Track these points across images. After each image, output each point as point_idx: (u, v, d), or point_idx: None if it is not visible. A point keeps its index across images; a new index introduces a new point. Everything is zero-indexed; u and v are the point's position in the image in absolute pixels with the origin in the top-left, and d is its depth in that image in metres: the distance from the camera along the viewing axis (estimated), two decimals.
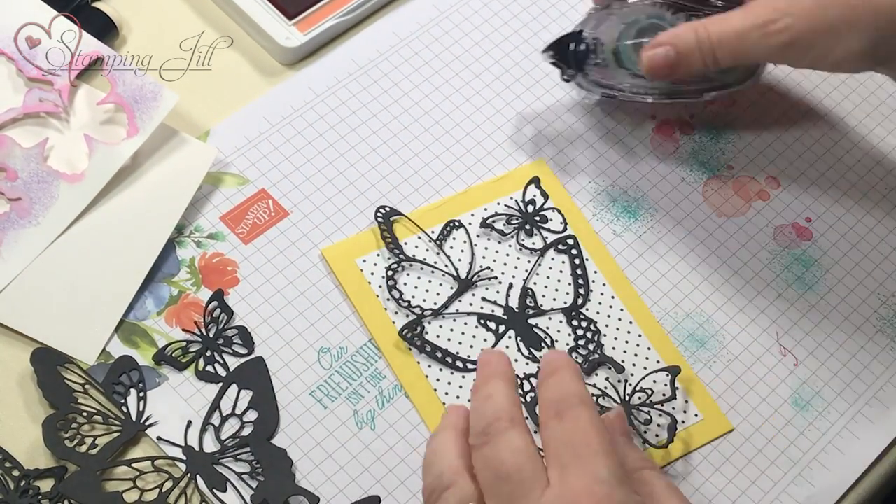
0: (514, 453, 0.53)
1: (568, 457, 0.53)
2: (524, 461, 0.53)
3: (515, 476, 0.53)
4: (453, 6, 0.83)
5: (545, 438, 0.55)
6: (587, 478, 0.52)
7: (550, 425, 0.54)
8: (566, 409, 0.55)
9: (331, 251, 0.72)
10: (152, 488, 0.64)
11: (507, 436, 0.54)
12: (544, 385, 0.57)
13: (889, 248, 0.78)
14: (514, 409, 0.55)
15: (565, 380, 0.56)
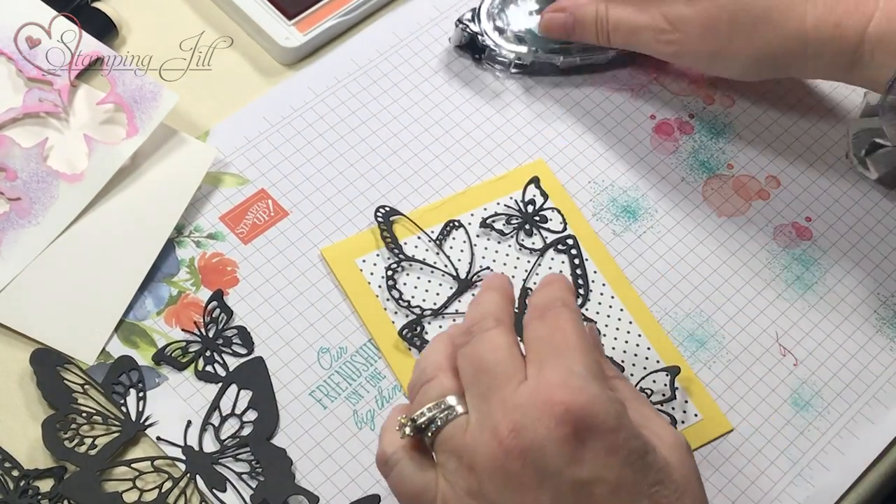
0: (494, 349, 0.55)
1: (546, 353, 0.54)
2: (503, 357, 0.55)
3: (493, 369, 0.54)
4: (453, 6, 0.83)
5: (527, 338, 0.56)
6: (563, 371, 0.53)
7: (532, 325, 0.56)
8: (549, 310, 0.56)
9: (330, 251, 0.72)
10: (152, 488, 0.64)
11: (489, 334, 0.56)
12: (534, 294, 0.59)
13: (889, 248, 0.78)
14: (499, 312, 0.57)
15: (553, 288, 0.58)
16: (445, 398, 0.55)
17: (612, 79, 0.82)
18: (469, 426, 0.54)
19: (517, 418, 0.52)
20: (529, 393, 0.52)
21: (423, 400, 0.56)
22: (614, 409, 0.52)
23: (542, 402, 0.52)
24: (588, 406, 0.52)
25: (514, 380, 0.54)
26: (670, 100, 0.81)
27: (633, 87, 0.82)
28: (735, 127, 0.81)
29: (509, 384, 0.53)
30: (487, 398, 0.54)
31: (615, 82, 0.82)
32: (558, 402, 0.51)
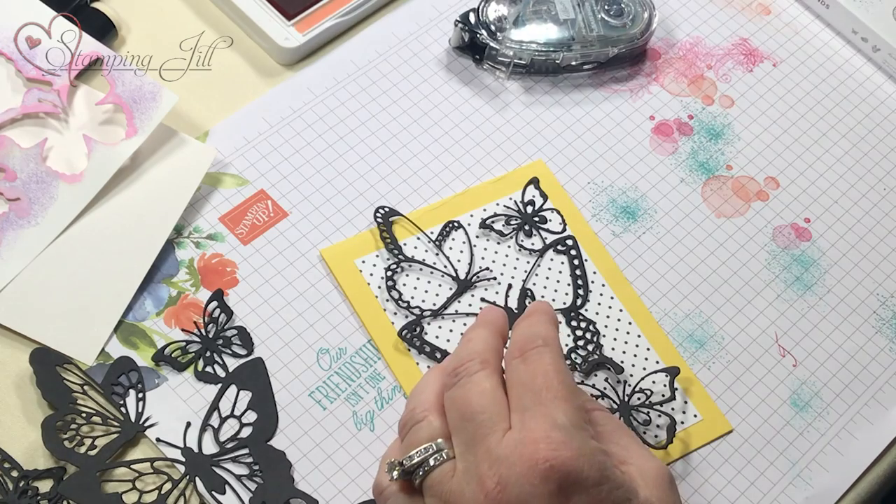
0: (479, 395, 0.55)
1: (528, 400, 0.54)
2: (488, 403, 0.55)
3: (478, 417, 0.54)
4: (452, 6, 0.83)
5: (509, 380, 0.56)
6: (545, 424, 0.53)
7: (513, 366, 0.56)
8: (530, 350, 0.56)
9: (330, 252, 0.72)
10: (151, 490, 0.63)
11: (476, 377, 0.56)
12: (516, 327, 0.59)
13: (888, 248, 0.78)
14: (487, 353, 0.57)
15: (535, 322, 0.58)
16: (434, 441, 0.56)
17: (612, 79, 0.82)
18: (456, 473, 0.54)
19: (502, 472, 0.52)
20: (514, 446, 0.53)
21: (413, 441, 0.56)
22: (597, 462, 0.53)
23: (527, 459, 0.52)
24: (571, 461, 0.52)
25: (499, 429, 0.54)
26: (670, 101, 0.81)
27: (633, 87, 0.82)
28: (734, 128, 0.81)
29: (493, 433, 0.54)
30: (473, 447, 0.54)
31: (615, 83, 0.82)
32: (542, 459, 0.52)
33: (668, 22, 0.85)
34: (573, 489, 0.52)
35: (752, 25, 0.86)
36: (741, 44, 0.85)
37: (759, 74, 0.84)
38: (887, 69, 0.85)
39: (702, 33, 0.85)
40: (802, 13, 0.87)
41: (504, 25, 0.79)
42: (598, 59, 0.80)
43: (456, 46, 0.81)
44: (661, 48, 0.84)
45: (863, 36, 0.85)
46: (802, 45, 0.86)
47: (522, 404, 0.54)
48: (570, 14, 0.80)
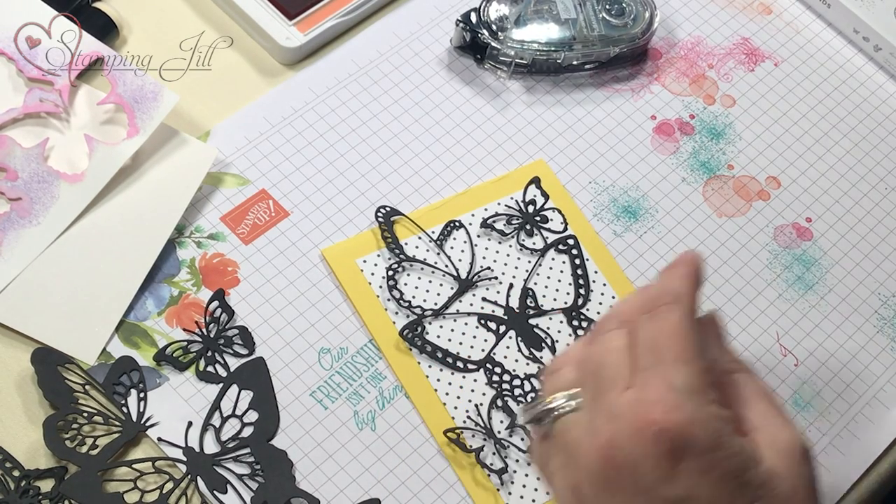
0: (608, 352, 0.54)
1: (649, 360, 0.53)
2: (614, 360, 0.54)
3: (603, 372, 0.53)
4: (453, 6, 0.83)
5: (634, 337, 0.54)
6: (662, 387, 0.51)
7: (640, 322, 0.54)
8: (659, 307, 0.54)
9: (331, 251, 0.72)
10: (153, 489, 0.63)
11: (609, 335, 0.55)
12: (659, 277, 0.57)
13: (889, 248, 0.78)
14: (629, 313, 0.55)
15: (673, 275, 0.56)
16: (565, 391, 0.55)
17: (614, 79, 0.82)
18: (580, 424, 0.53)
19: (615, 430, 0.51)
20: (629, 405, 0.52)
21: (549, 389, 0.56)
22: (712, 428, 0.51)
23: (639, 420, 0.51)
24: (684, 426, 0.50)
25: (619, 385, 0.53)
26: (671, 100, 0.81)
27: (634, 87, 0.82)
28: (736, 127, 0.81)
29: (614, 389, 0.53)
30: (596, 401, 0.53)
31: (616, 82, 0.82)
32: (653, 422, 0.50)
33: (669, 21, 0.85)
34: (683, 454, 0.50)
35: (753, 25, 0.86)
36: (742, 43, 0.85)
37: (760, 74, 0.84)
38: (889, 69, 0.85)
39: (703, 33, 0.85)
40: (804, 13, 0.87)
41: (505, 25, 0.79)
42: (599, 59, 0.80)
43: (457, 46, 0.81)
44: (663, 48, 0.84)
45: (864, 35, 0.85)
46: (804, 44, 0.86)
47: (643, 363, 0.53)
48: (572, 14, 0.80)
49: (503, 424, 0.68)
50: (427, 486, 0.66)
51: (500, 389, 0.69)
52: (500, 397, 0.69)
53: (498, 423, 0.68)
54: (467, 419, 0.68)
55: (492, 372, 0.70)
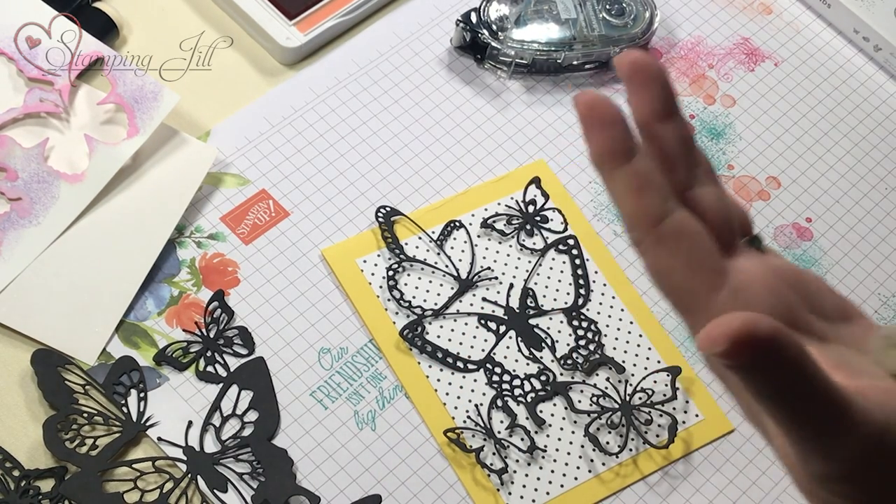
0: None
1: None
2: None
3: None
4: (453, 6, 0.83)
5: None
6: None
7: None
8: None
9: (331, 251, 0.72)
10: (153, 489, 0.63)
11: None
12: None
13: (889, 248, 0.78)
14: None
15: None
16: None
17: (614, 79, 0.82)
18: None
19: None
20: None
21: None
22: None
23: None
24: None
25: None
26: None
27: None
28: (735, 128, 0.81)
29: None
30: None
31: (616, 82, 0.82)
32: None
33: (669, 21, 0.85)
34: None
35: (753, 25, 0.86)
36: (742, 43, 0.85)
37: (760, 74, 0.84)
38: (889, 69, 0.85)
39: (703, 33, 0.85)
40: (804, 13, 0.87)
41: (505, 25, 0.79)
42: (599, 59, 0.80)
43: (457, 46, 0.81)
44: (663, 48, 0.84)
45: (864, 35, 0.85)
46: (804, 44, 0.86)
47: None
48: (572, 13, 0.80)
49: (503, 424, 0.68)
50: (427, 486, 0.66)
51: (500, 389, 0.69)
52: (500, 397, 0.69)
53: (498, 423, 0.68)
54: (467, 419, 0.68)
55: (492, 372, 0.70)
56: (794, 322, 0.42)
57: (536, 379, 0.70)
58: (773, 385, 0.37)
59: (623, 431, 0.68)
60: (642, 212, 0.40)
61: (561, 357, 0.71)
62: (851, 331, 0.43)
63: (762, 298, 0.41)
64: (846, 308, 0.44)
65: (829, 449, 0.39)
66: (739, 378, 0.37)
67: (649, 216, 0.40)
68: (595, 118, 0.40)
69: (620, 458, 0.68)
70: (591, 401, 0.69)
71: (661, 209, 0.40)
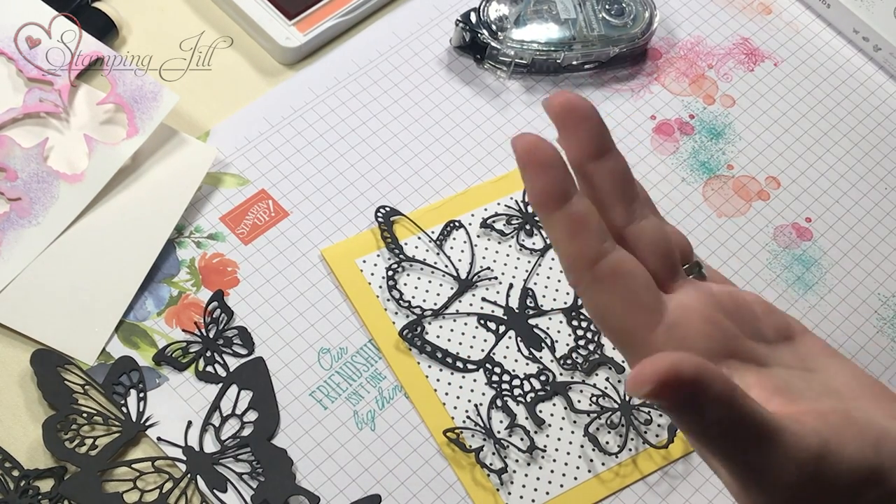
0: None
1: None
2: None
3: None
4: (453, 6, 0.83)
5: None
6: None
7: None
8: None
9: (331, 251, 0.72)
10: (152, 489, 0.63)
11: None
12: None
13: (889, 248, 0.78)
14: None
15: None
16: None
17: (613, 79, 0.82)
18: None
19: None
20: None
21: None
22: None
23: None
24: None
25: None
26: (671, 100, 0.81)
27: (634, 87, 0.82)
28: (735, 127, 0.81)
29: None
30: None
31: (616, 82, 0.82)
32: None
33: (669, 21, 0.85)
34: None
35: (753, 25, 0.86)
36: (742, 43, 0.85)
37: (760, 74, 0.84)
38: (888, 69, 0.85)
39: (703, 33, 0.85)
40: (803, 13, 0.87)
41: (505, 25, 0.79)
42: (599, 59, 0.80)
43: (457, 46, 0.81)
44: (663, 48, 0.84)
45: (864, 35, 0.85)
46: (803, 44, 0.86)
47: None
48: (571, 13, 0.80)
49: (503, 424, 0.68)
50: (427, 486, 0.66)
51: (499, 389, 0.69)
52: (500, 397, 0.69)
53: (497, 423, 0.68)
54: (467, 419, 0.68)
55: (491, 372, 0.70)
56: (732, 351, 0.42)
57: (536, 379, 0.70)
58: (702, 422, 0.37)
59: (623, 431, 0.68)
60: (579, 254, 0.41)
61: (560, 357, 0.71)
62: (794, 349, 0.44)
63: (698, 330, 0.42)
64: (788, 327, 0.44)
65: (766, 479, 0.39)
66: (670, 417, 0.38)
67: (585, 258, 0.41)
68: (533, 161, 0.41)
69: (620, 458, 0.68)
70: (591, 401, 0.69)
71: (596, 251, 0.41)
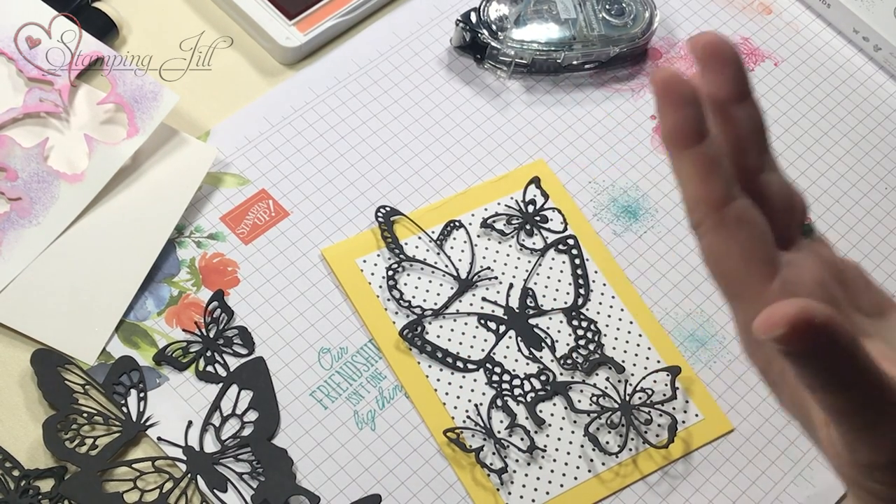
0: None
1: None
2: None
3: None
4: (453, 6, 0.83)
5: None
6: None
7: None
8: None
9: (331, 251, 0.72)
10: (153, 489, 0.63)
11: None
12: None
13: (889, 248, 0.78)
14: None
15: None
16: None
17: (613, 78, 0.82)
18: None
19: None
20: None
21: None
22: None
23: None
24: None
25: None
26: None
27: (634, 86, 0.82)
28: None
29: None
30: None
31: (616, 82, 0.82)
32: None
33: (669, 21, 0.85)
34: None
35: (753, 25, 0.86)
36: (742, 43, 0.85)
37: (760, 74, 0.84)
38: (888, 69, 0.85)
39: None
40: (803, 12, 0.87)
41: (505, 25, 0.79)
42: (599, 59, 0.80)
43: (457, 46, 0.81)
44: (663, 47, 0.84)
45: (864, 35, 0.85)
46: (803, 44, 0.86)
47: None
48: (572, 13, 0.80)
49: (503, 424, 0.68)
50: (427, 485, 0.66)
51: (499, 389, 0.69)
52: (500, 397, 0.69)
53: (498, 423, 0.68)
54: (467, 419, 0.68)
55: (491, 372, 0.70)
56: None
57: (536, 379, 0.70)
58: (827, 372, 0.37)
59: (623, 431, 0.68)
60: (706, 195, 0.40)
61: (561, 357, 0.71)
62: (888, 325, 0.44)
63: (810, 292, 0.41)
64: (882, 302, 0.45)
65: (878, 437, 0.39)
66: (793, 365, 0.37)
67: (712, 200, 0.40)
68: (670, 96, 0.40)
69: (620, 458, 0.68)
70: (591, 400, 0.69)
71: (725, 195, 0.40)
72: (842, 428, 0.39)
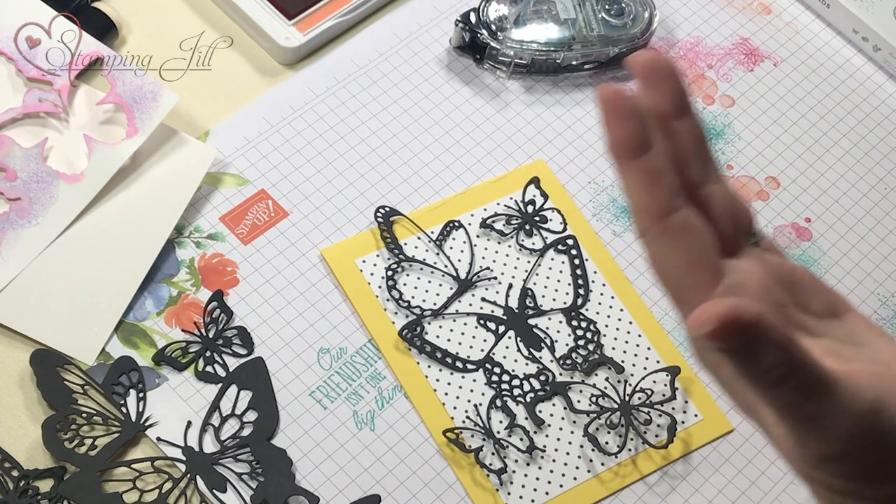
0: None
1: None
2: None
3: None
4: (453, 6, 0.83)
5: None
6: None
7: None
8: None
9: (330, 251, 0.72)
10: (152, 489, 0.63)
11: None
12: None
13: (889, 248, 0.78)
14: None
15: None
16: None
17: (613, 78, 0.82)
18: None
19: None
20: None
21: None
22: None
23: None
24: None
25: None
26: None
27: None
28: (735, 128, 0.81)
29: None
30: None
31: (616, 82, 0.82)
32: None
33: (668, 21, 0.85)
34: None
35: (752, 25, 0.86)
36: (742, 43, 0.85)
37: (759, 74, 0.84)
38: (888, 69, 0.85)
39: (702, 33, 0.85)
40: (803, 13, 0.87)
41: (505, 25, 0.79)
42: (598, 59, 0.80)
43: (457, 46, 0.81)
44: (662, 48, 0.84)
45: (863, 35, 0.85)
46: (803, 44, 0.86)
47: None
48: (571, 14, 0.80)
49: (502, 424, 0.68)
50: (426, 486, 0.66)
51: (499, 389, 0.69)
52: (500, 397, 0.69)
53: (497, 423, 0.68)
54: (466, 419, 0.68)
55: (491, 372, 0.70)
56: (785, 320, 0.44)
57: (536, 379, 0.70)
58: (761, 366, 0.38)
59: (622, 431, 0.68)
60: (651, 205, 0.41)
61: (560, 357, 0.71)
62: (841, 325, 0.45)
63: (753, 296, 0.42)
64: (836, 303, 0.46)
65: (823, 429, 0.40)
66: (731, 363, 0.39)
67: (657, 209, 0.41)
68: (615, 111, 0.41)
69: (619, 458, 0.68)
70: (591, 401, 0.69)
71: (669, 204, 0.41)
72: (787, 421, 0.41)
